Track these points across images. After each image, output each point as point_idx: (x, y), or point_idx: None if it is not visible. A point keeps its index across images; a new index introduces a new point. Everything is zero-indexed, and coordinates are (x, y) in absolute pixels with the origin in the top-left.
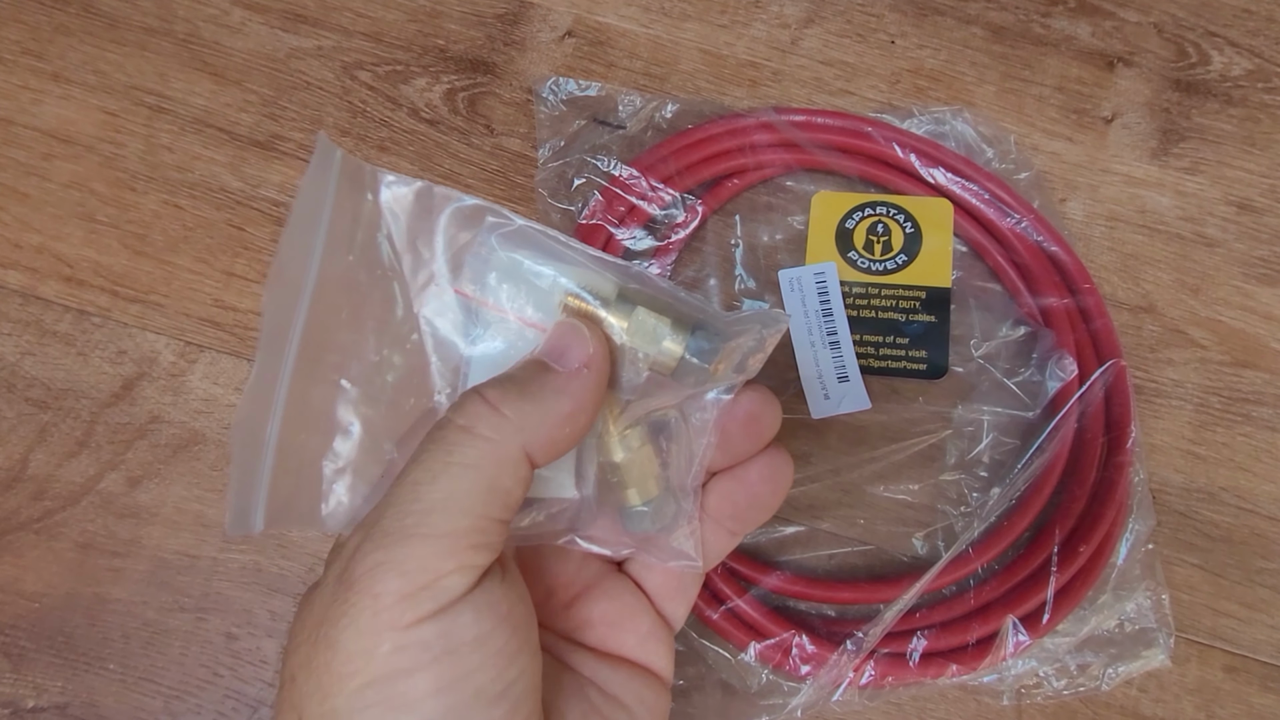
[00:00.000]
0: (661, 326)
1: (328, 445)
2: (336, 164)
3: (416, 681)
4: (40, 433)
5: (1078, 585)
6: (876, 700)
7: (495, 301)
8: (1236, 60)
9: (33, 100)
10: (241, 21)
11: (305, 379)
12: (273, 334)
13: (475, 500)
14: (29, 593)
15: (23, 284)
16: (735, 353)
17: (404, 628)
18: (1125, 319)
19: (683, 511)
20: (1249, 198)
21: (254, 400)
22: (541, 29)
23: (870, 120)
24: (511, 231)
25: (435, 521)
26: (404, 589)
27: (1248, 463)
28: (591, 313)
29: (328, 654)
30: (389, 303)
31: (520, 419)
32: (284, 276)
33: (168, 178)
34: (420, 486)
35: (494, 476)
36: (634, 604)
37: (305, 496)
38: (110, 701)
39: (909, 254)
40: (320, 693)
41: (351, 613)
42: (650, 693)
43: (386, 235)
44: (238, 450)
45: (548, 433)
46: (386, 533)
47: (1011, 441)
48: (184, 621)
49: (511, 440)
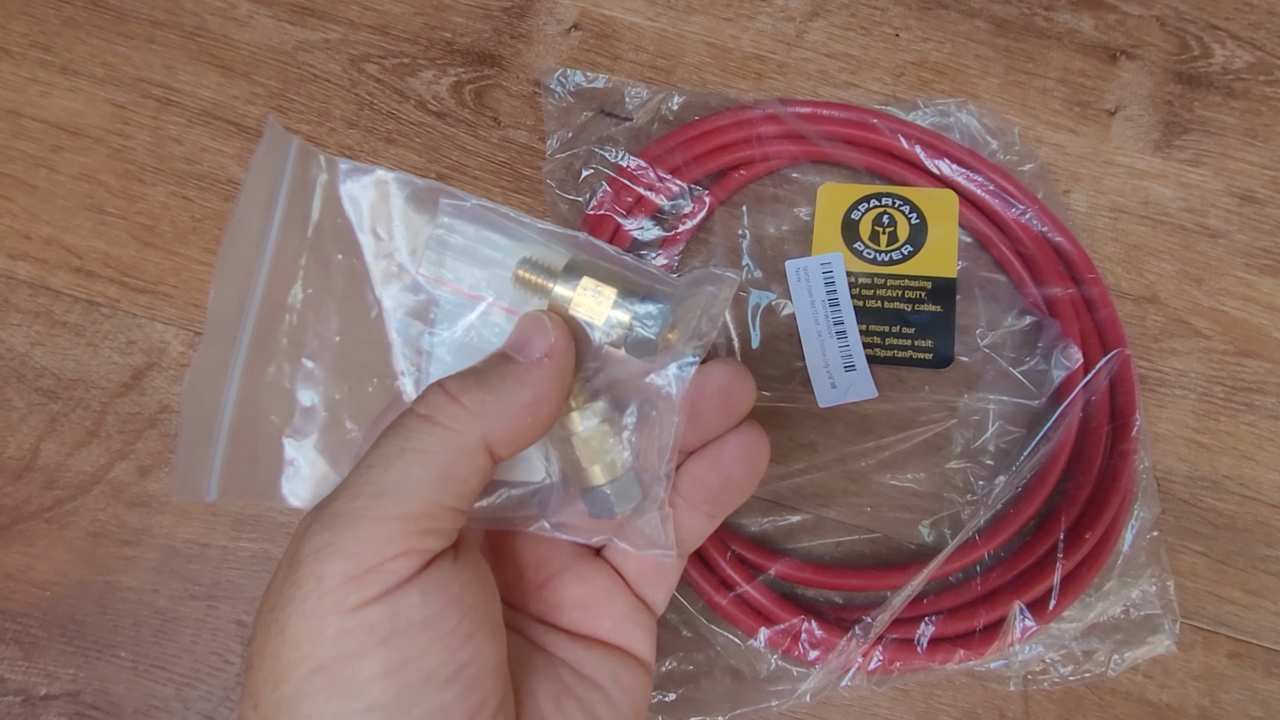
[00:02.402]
0: (606, 295)
1: (287, 422)
2: (293, 150)
3: (363, 665)
4: (50, 422)
5: (1083, 572)
6: (884, 685)
7: (455, 282)
8: (1238, 53)
9: (41, 93)
10: (249, 14)
11: (262, 355)
12: (223, 309)
13: (427, 486)
14: (40, 581)
15: (32, 275)
16: (688, 315)
17: (349, 610)
18: (1129, 309)
19: (652, 496)
20: (1251, 189)
21: (205, 370)
22: (548, 22)
23: (875, 112)
24: (465, 211)
25: (384, 505)
26: (349, 571)
27: (1251, 451)
28: (539, 284)
29: (278, 640)
30: (350, 286)
31: (479, 409)
32: (235, 255)
33: (176, 169)
34: (373, 470)
35: (449, 464)
36: (609, 587)
37: (264, 471)
38: (122, 689)
39: (914, 245)
40: (272, 679)
41: (298, 595)
42: (626, 673)
43: (344, 220)
44: (188, 416)
45: (508, 423)
46: (335, 514)
47: (1017, 430)
48: (195, 609)
49: (470, 430)
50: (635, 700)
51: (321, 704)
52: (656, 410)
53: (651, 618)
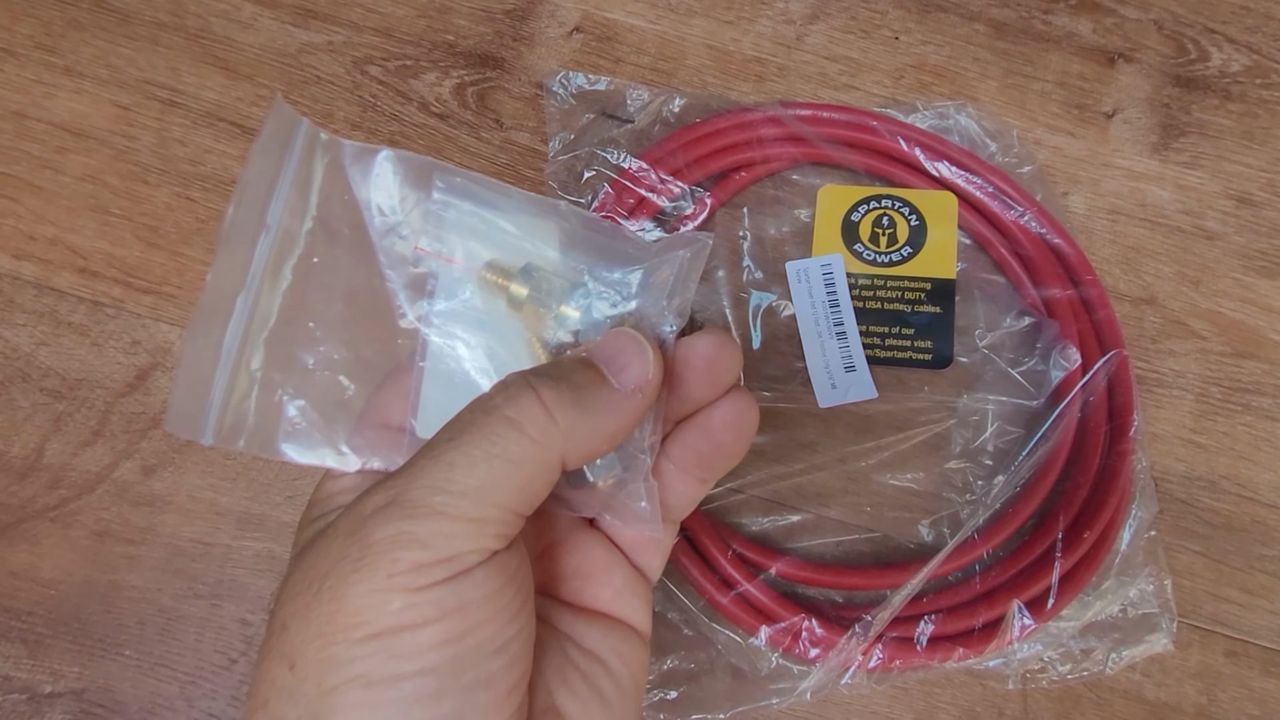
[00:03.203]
0: (556, 296)
1: (288, 379)
2: (302, 130)
3: (423, 634)
4: (55, 422)
5: (1082, 571)
6: (884, 683)
7: (449, 253)
8: (1235, 56)
9: (46, 94)
10: (253, 17)
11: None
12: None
13: (509, 496)
14: (45, 580)
15: (37, 275)
16: (662, 281)
17: (416, 589)
18: (1127, 310)
19: (636, 468)
20: (1248, 192)
21: (207, 318)
22: (550, 24)
23: (875, 115)
24: (458, 185)
25: (465, 507)
26: (422, 559)
27: (1248, 451)
28: (500, 285)
29: (332, 605)
30: (355, 255)
31: (569, 428)
32: (241, 221)
33: (180, 171)
34: (456, 469)
35: (530, 477)
36: (606, 558)
37: (261, 425)
38: (126, 687)
39: (914, 246)
40: (321, 639)
41: (365, 571)
42: (627, 646)
43: (350, 197)
44: (188, 357)
45: (590, 447)
46: (415, 504)
47: (1016, 430)
48: (199, 608)
49: (556, 447)
50: (635, 672)
51: (376, 665)
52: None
53: (648, 587)
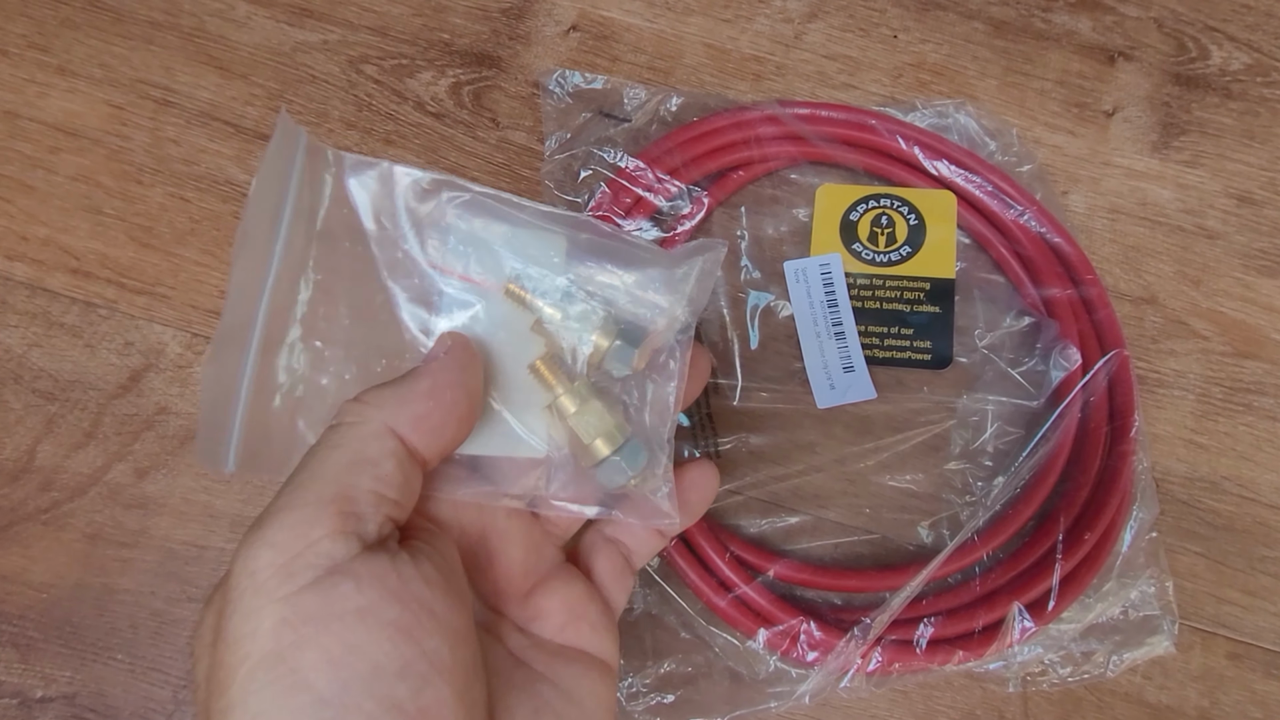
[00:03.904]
0: (590, 321)
1: (300, 400)
2: (302, 145)
3: (304, 655)
4: (48, 424)
5: (1082, 573)
6: (883, 687)
7: (461, 269)
8: (1235, 55)
9: (39, 94)
10: (247, 15)
11: (276, 337)
12: (240, 295)
13: (339, 470)
14: (37, 583)
15: (30, 276)
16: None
17: (282, 599)
18: (1127, 310)
19: (657, 460)
20: (1249, 190)
21: (223, 348)
22: (546, 23)
23: (874, 113)
24: (468, 201)
25: (300, 493)
26: (276, 560)
27: (1249, 452)
28: (528, 300)
29: (220, 647)
30: (360, 272)
31: (378, 400)
32: (250, 243)
33: (174, 170)
34: (295, 473)
35: (357, 450)
36: (586, 593)
37: (279, 447)
38: (118, 691)
39: (913, 246)
40: (217, 688)
41: (233, 596)
42: (602, 686)
43: (350, 211)
44: (208, 391)
45: (409, 408)
46: (260, 515)
47: (1016, 431)
48: (191, 611)
49: (371, 419)
50: (605, 713)
51: (268, 701)
52: (656, 379)
53: (615, 623)
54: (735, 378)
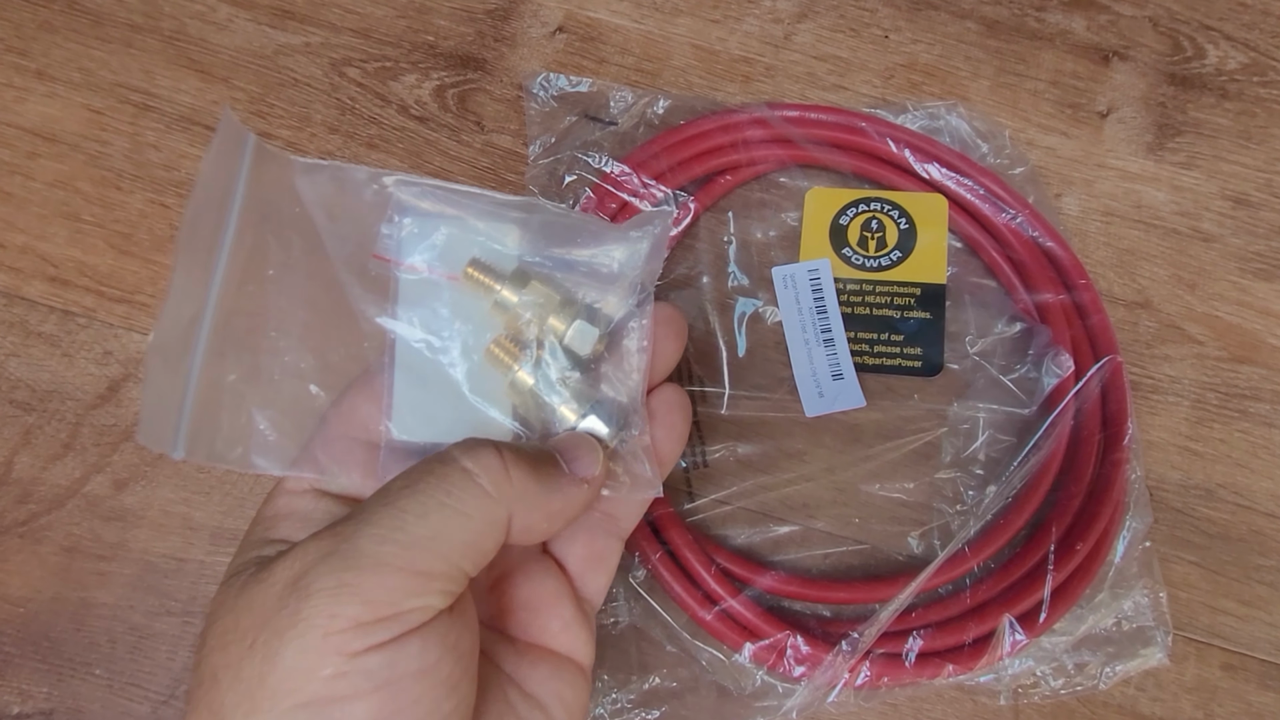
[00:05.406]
0: (549, 304)
1: (255, 390)
2: (250, 146)
3: (353, 709)
4: (25, 435)
5: (1075, 583)
6: (872, 701)
7: (415, 260)
8: (1232, 54)
9: (16, 98)
10: (228, 18)
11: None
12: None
13: (458, 550)
14: (13, 597)
15: (6, 284)
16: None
17: (350, 655)
18: (1121, 314)
19: (633, 421)
20: (1245, 192)
21: (170, 332)
22: (532, 25)
23: (864, 115)
24: (419, 192)
25: (413, 558)
26: (362, 616)
27: (1245, 459)
28: (487, 285)
29: (264, 666)
30: (313, 266)
31: (522, 489)
32: (196, 240)
33: (154, 176)
34: (407, 516)
35: (481, 533)
36: (557, 589)
37: (232, 437)
38: (96, 707)
39: (903, 250)
40: (249, 704)
41: (301, 627)
42: (570, 691)
43: (302, 209)
44: (154, 373)
45: (533, 516)
46: (361, 554)
47: (1007, 439)
48: (171, 625)
49: (507, 504)
50: (576, 716)
51: None
52: (624, 347)
53: (592, 619)
54: (722, 385)
